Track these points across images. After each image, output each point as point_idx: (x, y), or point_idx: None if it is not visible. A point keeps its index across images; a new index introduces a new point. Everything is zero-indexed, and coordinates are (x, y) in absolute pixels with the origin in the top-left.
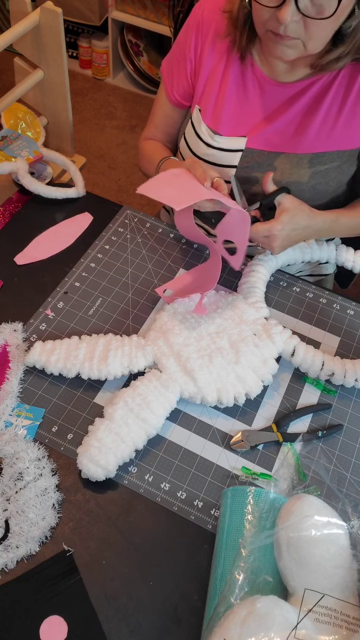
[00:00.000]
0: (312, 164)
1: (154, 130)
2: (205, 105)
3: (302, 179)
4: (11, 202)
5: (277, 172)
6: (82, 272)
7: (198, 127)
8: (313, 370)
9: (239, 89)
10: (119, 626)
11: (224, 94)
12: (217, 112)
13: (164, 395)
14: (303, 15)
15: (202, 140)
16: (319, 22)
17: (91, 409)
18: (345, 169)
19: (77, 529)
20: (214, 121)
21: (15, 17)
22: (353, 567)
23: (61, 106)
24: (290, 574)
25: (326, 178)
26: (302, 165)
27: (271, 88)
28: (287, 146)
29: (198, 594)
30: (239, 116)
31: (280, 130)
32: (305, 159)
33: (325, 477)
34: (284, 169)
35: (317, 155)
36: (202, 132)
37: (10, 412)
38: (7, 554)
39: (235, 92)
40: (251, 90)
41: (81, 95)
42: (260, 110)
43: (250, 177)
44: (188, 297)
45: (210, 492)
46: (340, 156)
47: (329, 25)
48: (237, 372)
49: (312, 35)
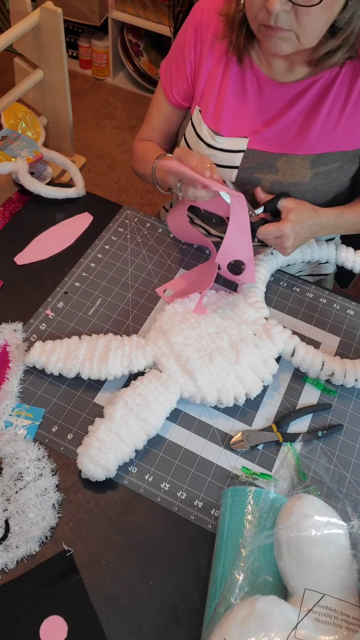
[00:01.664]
0: (314, 165)
1: (151, 131)
2: (205, 106)
3: (304, 180)
4: (11, 202)
5: (278, 174)
6: (82, 272)
7: (199, 128)
8: (313, 370)
9: (238, 90)
10: (119, 626)
11: (224, 94)
12: (217, 112)
13: (164, 395)
14: (293, 4)
15: (203, 141)
16: (310, 12)
17: (91, 409)
18: (346, 169)
19: (77, 529)
20: (214, 122)
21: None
22: (353, 567)
23: (61, 106)
24: (290, 574)
25: (328, 179)
26: (304, 167)
27: (271, 88)
28: (289, 147)
29: (198, 594)
30: (240, 117)
31: (281, 132)
32: (307, 160)
33: (325, 477)
34: (285, 170)
35: (318, 156)
36: (202, 133)
37: (10, 412)
38: (7, 554)
39: (235, 92)
40: (251, 90)
41: (81, 95)
42: (261, 111)
43: (252, 178)
44: (188, 297)
45: (210, 492)
46: (342, 157)
47: (321, 17)
48: (237, 372)
49: (304, 26)
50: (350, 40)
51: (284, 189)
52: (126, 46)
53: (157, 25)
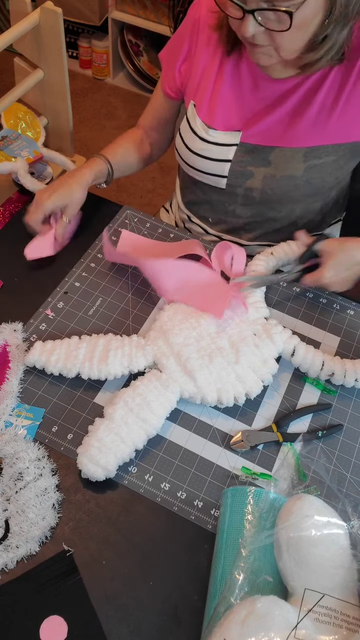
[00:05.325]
0: (306, 158)
1: (146, 113)
2: (200, 101)
3: (297, 173)
4: (11, 202)
5: (271, 166)
6: (82, 272)
7: (193, 122)
8: (313, 370)
9: (234, 84)
10: (119, 626)
11: (219, 88)
12: (212, 106)
13: (164, 395)
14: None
15: (197, 135)
16: (282, 33)
17: (91, 409)
18: (342, 164)
19: (77, 529)
20: (208, 116)
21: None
22: (353, 567)
23: (61, 106)
24: (290, 574)
25: (322, 173)
26: (297, 159)
27: (265, 83)
28: (282, 140)
29: (198, 594)
30: (234, 111)
31: (274, 124)
32: (300, 153)
33: (325, 477)
34: (278, 163)
35: (311, 149)
36: (197, 127)
37: (10, 412)
38: (7, 554)
39: (230, 86)
40: (246, 84)
41: (81, 95)
42: (255, 105)
43: (245, 171)
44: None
45: (210, 492)
46: (336, 150)
47: (296, 35)
48: (237, 372)
49: (280, 44)
50: (331, 51)
51: (277, 182)
52: (126, 46)
53: (157, 25)
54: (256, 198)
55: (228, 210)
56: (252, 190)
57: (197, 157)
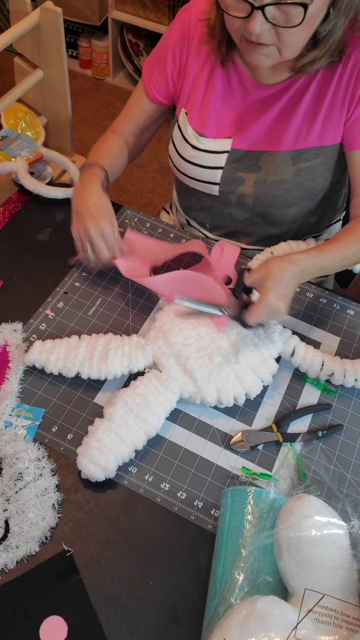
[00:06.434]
0: (295, 162)
1: (124, 119)
2: (191, 108)
3: (287, 177)
4: (11, 202)
5: (262, 171)
6: (82, 272)
7: (184, 130)
8: (313, 370)
9: (224, 92)
10: (119, 626)
11: (209, 96)
12: (202, 114)
13: (164, 395)
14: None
15: (189, 142)
16: (290, 29)
17: (91, 409)
18: (331, 165)
19: (77, 529)
20: (199, 123)
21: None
22: (353, 567)
23: (61, 106)
24: (290, 574)
25: (312, 175)
26: (286, 163)
27: (255, 90)
28: (270, 144)
29: (198, 594)
30: (225, 118)
31: (263, 130)
32: (288, 157)
33: (325, 477)
34: (268, 167)
35: (299, 152)
36: (188, 135)
37: (10, 412)
38: (7, 554)
39: (220, 94)
40: (236, 92)
41: (81, 95)
42: (245, 111)
43: (236, 177)
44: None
45: (210, 492)
46: (323, 152)
47: (302, 32)
48: (237, 372)
49: (285, 42)
50: (331, 49)
51: (268, 187)
52: (126, 46)
53: (157, 25)
54: (249, 204)
55: (225, 214)
56: (244, 197)
57: (189, 165)
